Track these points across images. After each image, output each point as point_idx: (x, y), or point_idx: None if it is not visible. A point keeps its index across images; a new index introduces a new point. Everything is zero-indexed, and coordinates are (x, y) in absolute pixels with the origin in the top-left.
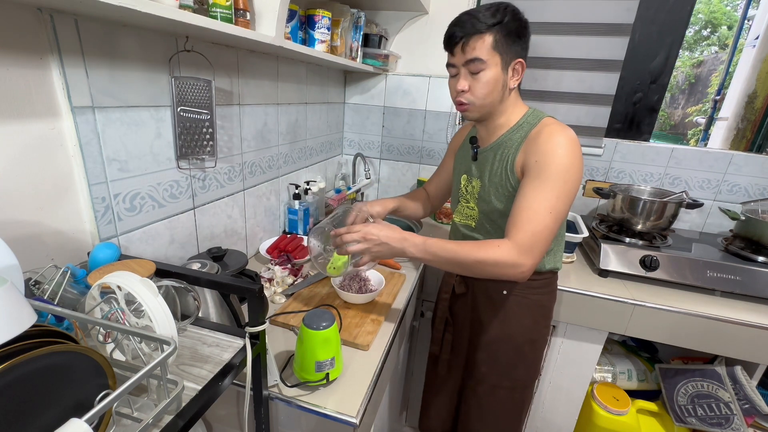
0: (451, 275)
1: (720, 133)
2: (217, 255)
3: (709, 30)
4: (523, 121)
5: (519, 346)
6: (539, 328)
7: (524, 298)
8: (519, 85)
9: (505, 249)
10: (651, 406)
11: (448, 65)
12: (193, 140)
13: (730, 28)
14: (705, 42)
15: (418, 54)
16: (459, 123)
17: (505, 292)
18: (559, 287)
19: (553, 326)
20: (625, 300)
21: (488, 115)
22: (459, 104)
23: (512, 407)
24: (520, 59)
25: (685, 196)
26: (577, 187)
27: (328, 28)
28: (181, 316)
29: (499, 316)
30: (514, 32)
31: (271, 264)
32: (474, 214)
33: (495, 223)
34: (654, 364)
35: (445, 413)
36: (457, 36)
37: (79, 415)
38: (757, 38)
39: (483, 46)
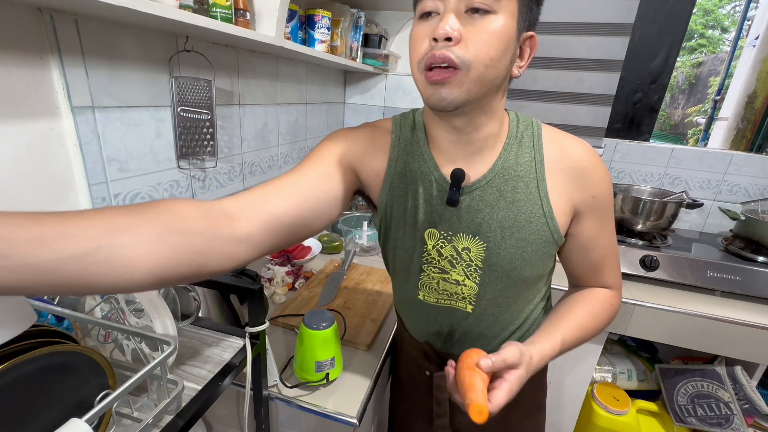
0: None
1: (720, 133)
2: None
3: (696, 37)
4: (518, 133)
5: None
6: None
7: None
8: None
9: (616, 301)
10: (651, 406)
11: (420, 3)
12: (193, 140)
13: (725, 30)
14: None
15: None
16: None
17: None
18: (559, 287)
19: None
20: (625, 300)
21: (479, 105)
22: (439, 63)
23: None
24: (533, 33)
25: (685, 196)
26: None
27: (328, 28)
28: (181, 316)
29: None
30: None
31: (271, 264)
32: (467, 292)
33: (509, 298)
34: (654, 364)
35: None
36: None
37: (79, 415)
38: (757, 38)
39: None
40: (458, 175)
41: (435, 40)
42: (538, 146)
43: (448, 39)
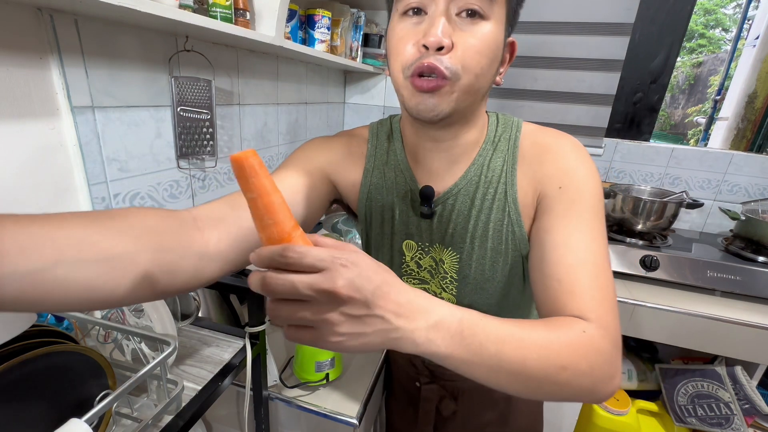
0: (432, 389)
1: (720, 133)
2: None
3: (696, 37)
4: (495, 137)
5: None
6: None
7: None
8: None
9: (595, 335)
10: (651, 406)
11: (397, 3)
12: (193, 140)
13: (726, 30)
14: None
15: None
16: None
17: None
18: None
19: None
20: (625, 300)
21: (464, 115)
22: (427, 72)
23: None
24: (513, 39)
25: (685, 196)
26: None
27: (328, 28)
28: (181, 316)
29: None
30: None
31: None
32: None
33: (488, 311)
34: (654, 364)
35: None
36: None
37: (79, 415)
38: (757, 38)
39: None
40: (427, 193)
41: (425, 47)
42: (513, 148)
43: (440, 48)
